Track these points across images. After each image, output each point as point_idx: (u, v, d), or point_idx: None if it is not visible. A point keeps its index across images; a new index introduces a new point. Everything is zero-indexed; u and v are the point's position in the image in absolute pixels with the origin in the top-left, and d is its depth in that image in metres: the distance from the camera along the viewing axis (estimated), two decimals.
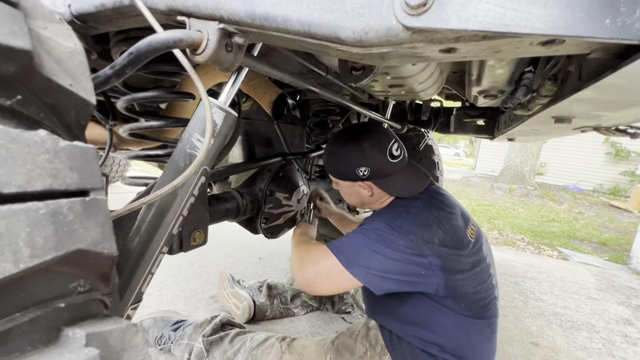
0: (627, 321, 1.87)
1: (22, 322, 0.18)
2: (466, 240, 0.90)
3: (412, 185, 1.00)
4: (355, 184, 1.01)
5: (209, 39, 0.49)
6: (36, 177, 0.18)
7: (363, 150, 0.97)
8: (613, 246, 4.09)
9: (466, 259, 0.87)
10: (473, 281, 0.88)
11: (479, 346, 0.91)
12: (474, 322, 0.89)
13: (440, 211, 0.92)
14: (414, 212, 0.91)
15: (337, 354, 0.99)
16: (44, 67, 0.21)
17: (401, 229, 0.85)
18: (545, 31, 0.31)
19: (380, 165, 0.97)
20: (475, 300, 0.88)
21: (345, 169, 1.00)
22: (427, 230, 0.85)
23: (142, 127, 0.80)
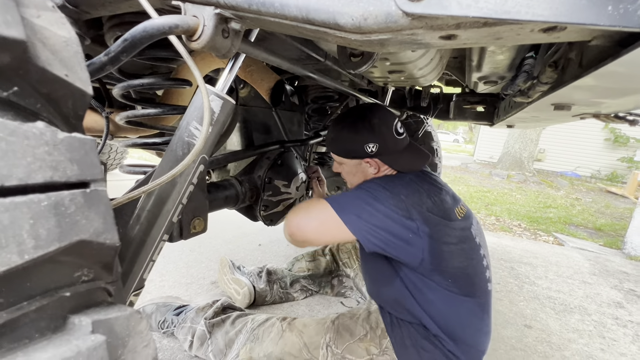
0: (619, 304, 1.92)
1: (29, 311, 0.19)
2: (453, 215, 0.94)
3: (416, 161, 1.04)
4: (362, 162, 1.03)
5: (205, 25, 0.48)
6: (36, 169, 0.18)
7: (372, 126, 0.99)
8: (608, 232, 4.14)
9: (453, 231, 0.91)
10: (460, 256, 0.91)
11: (471, 325, 0.93)
12: (463, 299, 0.91)
13: (430, 186, 0.97)
14: (406, 180, 0.97)
15: (336, 334, 1.01)
16: (39, 57, 0.21)
17: (393, 190, 0.90)
18: (546, 18, 0.31)
19: (388, 141, 1.00)
20: (462, 277, 0.91)
21: (354, 146, 1.02)
22: (416, 196, 0.91)
23: (138, 114, 0.80)
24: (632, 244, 3.15)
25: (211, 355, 1.09)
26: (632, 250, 3.12)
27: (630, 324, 1.71)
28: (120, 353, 0.22)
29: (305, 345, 1.01)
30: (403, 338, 0.95)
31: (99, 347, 0.20)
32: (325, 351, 0.99)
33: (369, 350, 0.97)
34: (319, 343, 1.01)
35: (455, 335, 0.92)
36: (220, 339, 1.10)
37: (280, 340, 1.04)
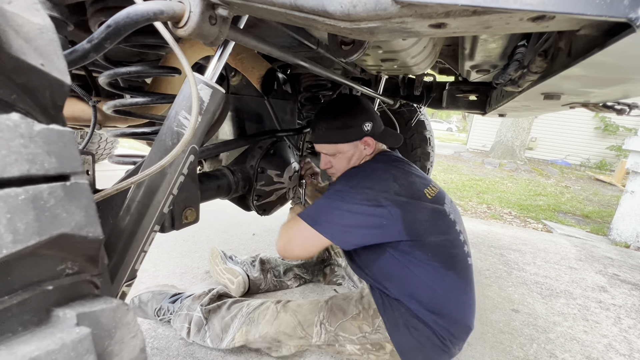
0: (602, 288, 1.99)
1: (12, 305, 0.19)
2: (422, 195, 0.99)
3: (395, 138, 1.17)
4: (359, 143, 1.09)
5: (191, 11, 0.47)
6: (12, 162, 0.18)
7: (364, 107, 1.09)
8: (595, 218, 4.24)
9: (424, 209, 0.96)
10: (434, 231, 0.96)
11: (455, 298, 0.98)
12: (445, 272, 0.96)
13: (397, 170, 1.02)
14: (368, 170, 1.02)
15: (330, 312, 1.04)
16: (11, 46, 0.20)
17: (357, 186, 0.95)
18: (534, 7, 0.31)
19: (376, 119, 1.11)
20: (441, 251, 0.96)
21: (353, 127, 1.08)
22: (382, 183, 0.96)
23: (126, 103, 0.78)
24: (618, 231, 3.24)
25: (209, 340, 1.11)
26: (618, 237, 3.22)
27: (612, 307, 1.77)
28: (106, 344, 0.22)
29: (300, 324, 1.04)
30: (395, 318, 0.98)
31: (84, 339, 0.20)
32: (319, 328, 1.02)
33: (361, 328, 1.00)
34: (312, 321, 1.04)
35: (442, 310, 0.95)
36: (216, 324, 1.12)
37: (275, 320, 1.06)
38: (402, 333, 0.96)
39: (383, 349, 0.99)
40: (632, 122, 9.26)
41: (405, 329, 0.96)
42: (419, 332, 0.95)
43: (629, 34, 0.34)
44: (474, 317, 1.03)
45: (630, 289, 2.03)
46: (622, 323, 1.63)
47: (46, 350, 0.19)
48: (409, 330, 0.96)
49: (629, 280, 2.16)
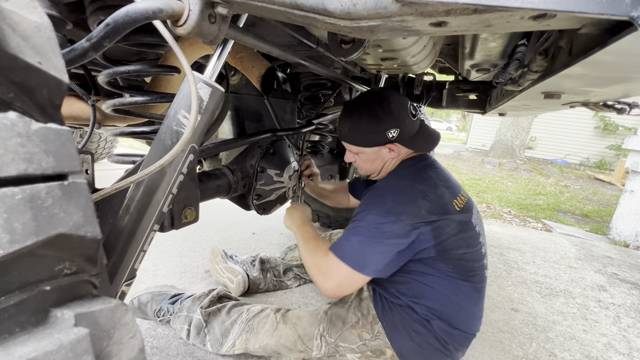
0: (602, 287, 1.99)
1: (8, 305, 0.19)
2: (452, 208, 0.95)
3: (429, 141, 1.08)
4: (382, 148, 1.04)
5: (190, 10, 0.46)
6: (9, 162, 0.18)
7: (392, 111, 1.00)
8: (595, 218, 4.25)
9: (453, 223, 0.93)
10: (461, 245, 0.94)
11: (467, 308, 0.97)
12: (461, 284, 0.95)
13: (424, 184, 0.97)
14: (397, 192, 0.96)
15: (329, 324, 1.02)
16: (8, 44, 0.20)
17: (390, 214, 0.91)
18: (536, 5, 0.30)
19: (407, 123, 1.02)
20: (463, 264, 0.94)
21: (376, 133, 1.02)
22: (413, 205, 0.91)
23: (125, 102, 0.78)
24: (617, 230, 3.24)
25: (209, 345, 1.11)
26: (617, 236, 3.22)
27: (612, 306, 1.77)
28: (105, 345, 0.22)
29: (300, 338, 1.03)
30: (395, 322, 0.97)
31: (82, 340, 0.20)
32: (320, 341, 1.01)
33: (361, 336, 0.99)
34: (312, 334, 1.02)
35: (451, 319, 0.94)
36: (216, 328, 1.11)
37: (275, 332, 1.05)
38: (403, 338, 0.96)
39: (384, 354, 0.98)
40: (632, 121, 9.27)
41: (405, 334, 0.95)
42: (420, 337, 0.94)
43: (630, 32, 0.34)
44: (481, 325, 1.03)
45: (629, 288, 2.03)
46: (621, 322, 1.63)
47: (44, 351, 0.18)
48: (410, 335, 0.95)
49: (628, 279, 2.16)
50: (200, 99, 0.59)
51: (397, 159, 1.08)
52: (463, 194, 1.04)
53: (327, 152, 1.86)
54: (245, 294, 1.50)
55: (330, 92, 1.51)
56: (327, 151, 1.86)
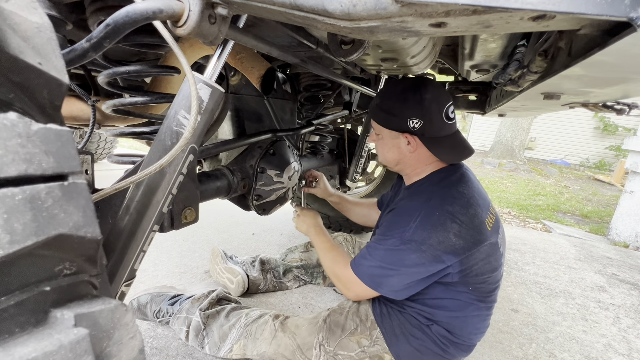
0: (602, 288, 1.99)
1: (8, 306, 0.19)
2: (484, 228, 0.89)
3: (456, 153, 0.98)
4: (401, 136, 0.98)
5: (190, 10, 0.47)
6: (9, 162, 0.18)
7: (422, 100, 0.93)
8: (594, 218, 4.25)
9: (482, 248, 0.88)
10: (486, 270, 0.90)
11: (474, 324, 0.95)
12: (476, 304, 0.93)
13: (454, 204, 0.88)
14: (423, 216, 0.88)
15: (329, 332, 1.01)
16: (9, 44, 0.20)
17: (412, 242, 0.86)
18: (535, 6, 0.30)
19: (435, 121, 0.94)
20: (483, 287, 0.92)
21: (397, 116, 0.96)
22: (440, 232, 0.85)
23: (125, 103, 0.78)
24: (617, 230, 3.25)
25: (207, 348, 1.11)
26: (617, 237, 3.22)
27: (611, 307, 1.77)
28: (105, 345, 0.22)
29: (299, 347, 1.02)
30: (393, 327, 0.97)
31: (82, 340, 0.20)
32: (319, 351, 1.00)
33: (360, 342, 0.98)
34: (311, 344, 1.01)
35: (455, 330, 0.94)
36: (215, 332, 1.11)
37: (274, 340, 1.04)
38: (400, 342, 0.95)
39: (382, 359, 0.98)
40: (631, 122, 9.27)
41: (403, 338, 0.95)
42: (418, 341, 0.94)
43: (629, 33, 0.34)
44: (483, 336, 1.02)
45: (629, 288, 2.03)
46: (621, 323, 1.63)
47: (43, 351, 0.18)
48: (407, 339, 0.95)
49: (627, 280, 2.16)
50: (200, 100, 0.59)
51: (420, 163, 1.00)
52: (492, 211, 0.97)
53: (327, 153, 1.86)
54: (245, 295, 1.50)
55: (330, 92, 1.52)
56: (327, 151, 1.86)
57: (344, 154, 1.96)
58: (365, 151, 1.81)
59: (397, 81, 1.02)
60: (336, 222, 2.26)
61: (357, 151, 1.82)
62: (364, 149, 1.80)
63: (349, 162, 1.93)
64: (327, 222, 2.29)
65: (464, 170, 1.01)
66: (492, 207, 0.98)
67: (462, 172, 1.00)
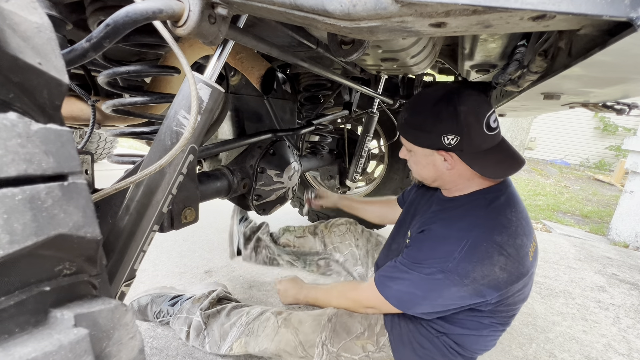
0: (602, 288, 1.99)
1: (8, 306, 0.19)
2: (527, 259, 0.82)
3: (503, 167, 0.86)
4: (435, 153, 0.89)
5: (190, 10, 0.47)
6: (9, 162, 0.18)
7: (458, 114, 0.82)
8: (594, 218, 4.25)
9: (522, 280, 0.83)
10: (519, 300, 0.87)
11: (484, 343, 0.93)
12: (495, 326, 0.90)
13: (502, 234, 0.80)
14: (469, 245, 0.80)
15: (333, 333, 0.99)
16: (8, 44, 0.20)
17: (455, 275, 0.79)
18: (535, 6, 0.30)
19: (474, 135, 0.83)
20: (507, 314, 0.89)
21: (429, 133, 0.86)
22: (486, 264, 0.78)
23: (125, 103, 0.78)
24: (617, 230, 3.25)
25: (207, 347, 1.11)
26: (617, 237, 3.22)
27: (611, 307, 1.77)
28: (104, 345, 0.22)
29: (301, 344, 1.00)
30: (401, 335, 0.95)
31: (82, 340, 0.20)
32: (321, 349, 0.98)
33: (365, 347, 0.96)
34: (314, 341, 0.99)
35: (465, 344, 0.92)
36: (216, 331, 1.11)
37: (276, 336, 1.03)
38: (406, 349, 0.93)
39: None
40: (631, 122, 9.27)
41: (409, 345, 0.93)
42: (425, 351, 0.92)
43: (629, 33, 0.34)
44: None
45: (629, 288, 2.03)
46: (621, 323, 1.63)
47: (43, 351, 0.18)
48: (414, 348, 0.93)
49: (627, 280, 2.16)
50: (200, 100, 0.59)
51: (462, 179, 0.91)
52: (534, 238, 0.89)
53: (327, 153, 1.86)
54: (245, 294, 1.50)
55: (329, 92, 1.52)
56: (327, 151, 1.86)
57: (344, 154, 1.96)
58: (365, 151, 1.81)
59: (426, 92, 0.91)
60: None
61: (357, 151, 1.82)
62: (364, 149, 1.80)
63: (349, 162, 1.93)
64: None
65: (511, 191, 0.91)
66: (534, 235, 0.90)
67: (510, 193, 0.90)
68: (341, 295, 1.05)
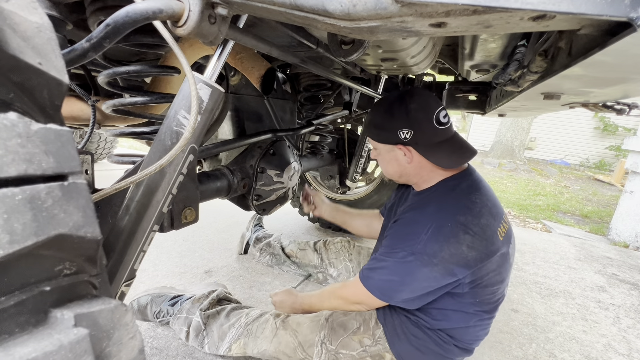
0: (601, 288, 1.99)
1: (8, 306, 0.19)
2: (496, 238, 0.87)
3: (455, 157, 0.95)
4: (395, 148, 0.98)
5: (190, 10, 0.47)
6: (9, 162, 0.18)
7: (408, 111, 0.93)
8: (594, 218, 4.25)
9: (494, 258, 0.86)
10: (495, 282, 0.90)
11: (474, 333, 0.95)
12: (480, 315, 0.92)
13: (467, 214, 0.87)
14: (434, 227, 0.86)
15: (330, 331, 1.01)
16: (9, 44, 0.20)
17: (423, 255, 0.84)
18: (535, 6, 0.30)
19: (425, 129, 0.93)
20: (490, 298, 0.91)
21: (387, 130, 0.97)
22: (452, 245, 0.83)
23: (125, 103, 0.78)
24: (617, 230, 3.25)
25: (207, 347, 1.11)
26: (617, 237, 3.22)
27: (611, 307, 1.77)
28: (105, 345, 0.22)
29: (300, 345, 1.02)
30: (394, 326, 0.97)
31: (82, 340, 0.20)
32: (320, 348, 0.99)
33: (362, 342, 0.98)
34: (313, 341, 1.01)
35: (455, 335, 0.94)
36: (215, 332, 1.11)
37: (275, 338, 1.04)
38: (402, 341, 0.95)
39: (383, 358, 0.97)
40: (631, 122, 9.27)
41: (404, 337, 0.95)
42: (419, 340, 0.94)
43: (629, 33, 0.34)
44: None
45: (629, 288, 2.03)
46: (621, 323, 1.63)
47: (43, 351, 0.18)
48: (408, 339, 0.94)
49: (627, 280, 2.16)
50: (200, 100, 0.59)
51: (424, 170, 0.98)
52: (505, 219, 0.95)
53: (327, 153, 1.86)
54: (245, 295, 1.50)
55: (330, 92, 1.52)
56: (327, 151, 1.86)
57: (344, 154, 1.96)
58: (365, 151, 1.81)
59: (385, 96, 1.04)
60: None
61: (357, 151, 1.82)
62: (364, 149, 1.80)
63: (349, 162, 1.93)
64: (327, 222, 2.29)
65: (475, 177, 0.99)
66: (505, 216, 0.95)
67: (473, 179, 0.97)
68: (331, 294, 1.08)
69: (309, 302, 1.14)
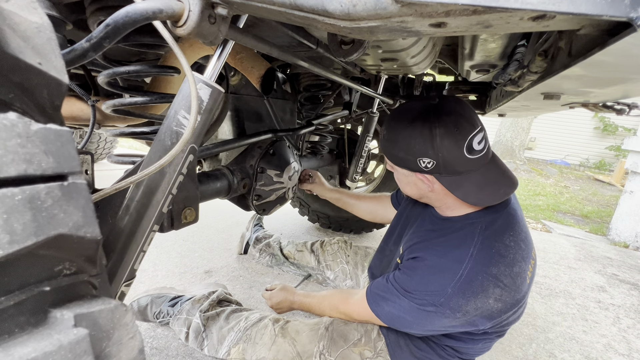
0: (602, 288, 1.99)
1: (8, 306, 0.19)
2: (524, 284, 0.78)
3: (487, 192, 0.78)
4: (414, 175, 0.84)
5: (190, 10, 0.47)
6: (9, 162, 0.18)
7: (433, 137, 0.75)
8: (594, 218, 4.25)
9: (520, 305, 0.81)
10: (515, 319, 0.86)
11: (480, 349, 0.94)
12: (491, 338, 0.90)
13: (499, 265, 0.75)
14: (464, 279, 0.75)
15: (330, 341, 0.98)
16: (8, 44, 0.20)
17: (446, 309, 0.76)
18: (535, 6, 0.30)
19: (451, 160, 0.76)
20: (503, 328, 0.88)
21: (405, 155, 0.81)
22: (479, 297, 0.74)
23: (125, 103, 0.78)
24: (617, 231, 3.25)
25: (206, 349, 1.11)
26: (617, 237, 3.22)
27: (611, 307, 1.77)
28: (104, 346, 0.22)
29: (298, 354, 0.99)
30: (398, 339, 0.95)
31: (82, 341, 0.20)
32: (318, 359, 0.98)
33: (362, 354, 0.96)
34: (312, 352, 0.98)
35: (460, 351, 0.92)
36: (214, 334, 1.10)
37: (273, 346, 1.02)
38: (404, 354, 0.94)
39: None
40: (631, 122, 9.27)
41: (407, 349, 0.93)
42: (422, 352, 0.92)
43: (629, 33, 0.34)
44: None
45: (629, 288, 2.03)
46: (621, 323, 1.63)
47: (43, 351, 0.18)
48: (410, 350, 0.93)
49: (628, 280, 2.16)
50: (200, 100, 0.59)
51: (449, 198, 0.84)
52: (533, 255, 0.84)
53: (327, 153, 1.86)
54: (246, 295, 1.50)
55: (330, 92, 1.52)
56: (327, 152, 1.86)
57: (344, 154, 1.97)
58: (365, 151, 1.81)
59: (405, 108, 0.85)
60: (336, 222, 2.26)
61: (357, 151, 1.82)
62: (364, 149, 1.80)
63: (349, 162, 1.93)
64: (327, 222, 2.29)
65: (511, 209, 0.84)
66: (534, 251, 0.85)
67: (509, 212, 0.83)
68: (333, 308, 1.05)
69: (308, 304, 1.14)
